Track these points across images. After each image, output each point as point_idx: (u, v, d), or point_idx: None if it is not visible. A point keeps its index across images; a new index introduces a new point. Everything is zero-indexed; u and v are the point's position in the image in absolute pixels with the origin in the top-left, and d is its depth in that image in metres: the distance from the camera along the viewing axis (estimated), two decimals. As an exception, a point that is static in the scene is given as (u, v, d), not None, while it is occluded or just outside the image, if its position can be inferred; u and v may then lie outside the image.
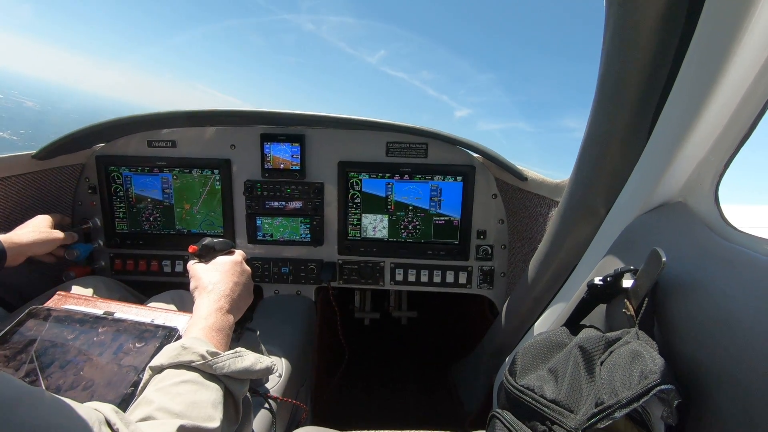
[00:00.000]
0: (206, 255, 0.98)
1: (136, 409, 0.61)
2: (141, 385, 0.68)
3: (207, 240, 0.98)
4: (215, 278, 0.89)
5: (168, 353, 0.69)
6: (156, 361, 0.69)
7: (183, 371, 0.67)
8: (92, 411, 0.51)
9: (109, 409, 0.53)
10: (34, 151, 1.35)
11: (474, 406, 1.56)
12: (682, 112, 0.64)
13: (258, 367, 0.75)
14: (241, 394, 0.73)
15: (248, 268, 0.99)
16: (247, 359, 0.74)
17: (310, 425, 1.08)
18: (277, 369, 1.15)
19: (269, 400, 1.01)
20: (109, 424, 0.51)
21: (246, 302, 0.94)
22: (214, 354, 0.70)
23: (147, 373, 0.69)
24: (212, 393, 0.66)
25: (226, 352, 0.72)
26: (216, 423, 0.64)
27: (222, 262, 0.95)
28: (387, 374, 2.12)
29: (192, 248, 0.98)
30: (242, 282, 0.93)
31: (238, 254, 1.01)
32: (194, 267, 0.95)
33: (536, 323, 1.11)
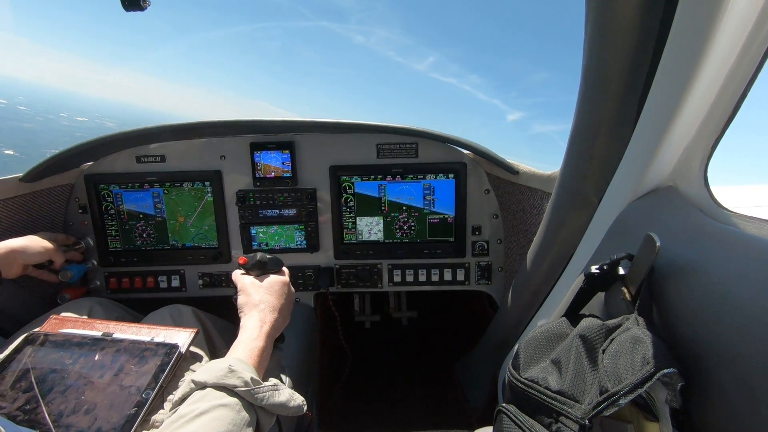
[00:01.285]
0: (255, 269, 0.97)
1: (167, 428, 0.62)
2: (181, 395, 0.69)
3: (260, 255, 0.97)
4: (266, 297, 0.90)
5: (214, 371, 0.69)
6: (200, 377, 0.69)
7: (224, 395, 0.67)
8: None
9: None
10: (21, 174, 1.33)
11: (480, 402, 1.56)
12: (666, 97, 0.64)
13: (292, 404, 0.75)
14: (266, 427, 0.73)
15: (293, 289, 1.01)
16: (283, 394, 0.75)
17: (317, 430, 1.07)
18: (282, 378, 1.15)
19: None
20: None
21: (286, 324, 0.94)
22: (256, 382, 0.71)
23: (189, 385, 0.69)
24: (246, 423, 0.67)
25: (267, 383, 0.73)
26: None
27: (274, 281, 0.95)
28: (391, 376, 2.12)
29: (242, 259, 0.97)
30: (288, 303, 0.95)
31: (287, 274, 1.02)
32: (244, 279, 0.95)
33: (536, 315, 1.12)
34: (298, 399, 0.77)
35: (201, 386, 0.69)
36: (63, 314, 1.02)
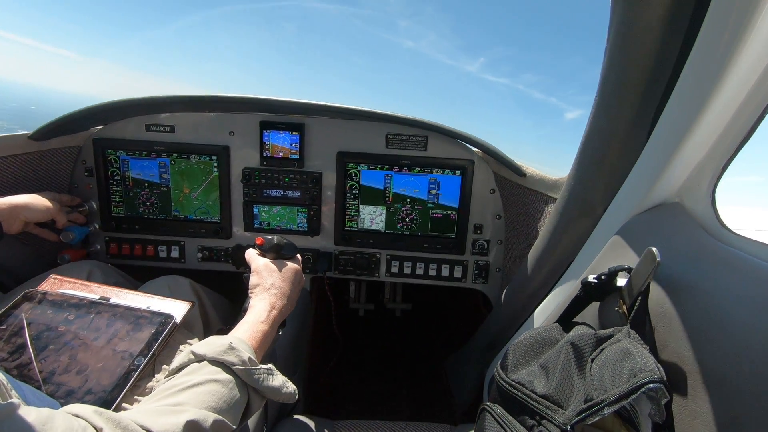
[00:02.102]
0: (270, 252, 0.98)
1: (159, 394, 0.63)
2: (178, 365, 0.70)
3: (277, 239, 0.98)
4: (278, 283, 0.91)
5: (214, 346, 0.70)
6: (200, 350, 0.70)
7: (220, 370, 0.68)
8: (73, 420, 0.50)
9: (90, 412, 0.53)
10: (30, 132, 1.33)
11: (465, 398, 1.58)
12: (682, 113, 0.64)
13: (284, 391, 0.76)
14: (256, 409, 0.74)
15: (303, 276, 1.02)
16: (277, 379, 0.75)
17: (302, 414, 1.09)
18: (271, 358, 1.16)
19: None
20: (95, 428, 0.51)
21: (291, 310, 0.95)
22: (253, 363, 0.71)
23: (187, 356, 0.70)
24: (238, 402, 0.68)
25: (262, 366, 0.73)
26: (235, 424, 0.66)
27: (289, 267, 0.96)
28: (380, 365, 2.14)
29: (259, 240, 0.98)
30: (297, 291, 0.96)
31: (299, 261, 1.03)
32: (258, 261, 0.95)
33: (529, 319, 1.12)
34: (291, 387, 0.78)
35: (199, 359, 0.69)
36: (62, 275, 1.03)
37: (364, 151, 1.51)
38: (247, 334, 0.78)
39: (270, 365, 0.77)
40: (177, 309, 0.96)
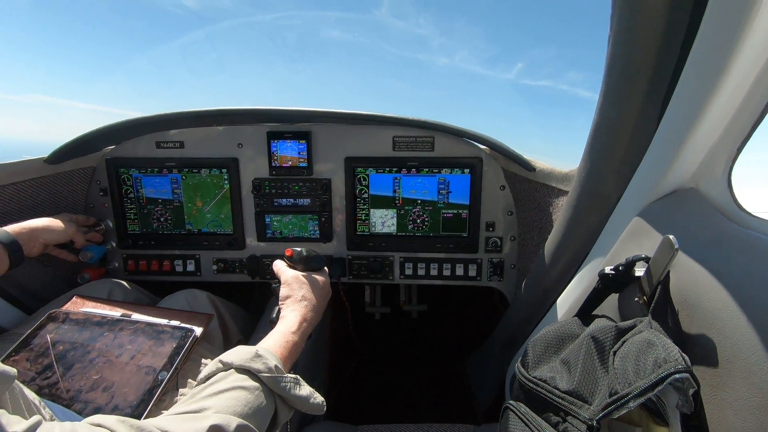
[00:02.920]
0: (299, 263, 1.00)
1: (185, 402, 0.64)
2: (206, 374, 0.70)
3: (306, 251, 1.00)
4: (309, 295, 0.93)
5: (241, 354, 0.71)
6: (227, 358, 0.70)
7: (246, 377, 0.68)
8: (96, 429, 0.51)
9: (113, 421, 0.54)
10: (45, 156, 1.37)
11: (486, 398, 1.57)
12: (692, 96, 0.63)
13: (312, 401, 0.76)
14: (283, 420, 0.74)
15: (330, 289, 1.04)
16: (304, 389, 0.75)
17: (324, 420, 1.09)
18: None
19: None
20: None
21: (319, 319, 0.97)
22: (279, 371, 0.72)
23: (215, 365, 0.71)
24: (264, 409, 0.68)
25: (289, 375, 0.74)
26: (263, 429, 0.66)
27: (318, 280, 0.99)
28: (399, 368, 2.13)
29: (289, 252, 1.00)
30: (325, 303, 0.99)
31: (326, 273, 1.05)
32: (288, 272, 0.97)
33: (547, 314, 1.11)
34: (319, 398, 0.78)
35: (227, 367, 0.70)
36: (84, 294, 1.05)
37: (372, 155, 1.52)
38: (276, 344, 0.79)
39: (296, 375, 0.77)
40: (196, 322, 0.97)
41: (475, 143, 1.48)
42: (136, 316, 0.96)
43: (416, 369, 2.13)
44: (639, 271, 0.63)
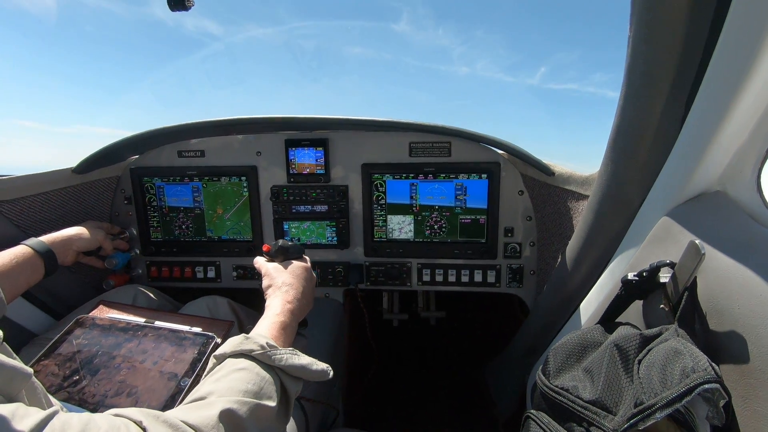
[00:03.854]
0: (278, 256, 1.01)
1: (190, 397, 0.64)
2: (206, 372, 0.71)
3: (281, 241, 1.01)
4: (289, 280, 0.93)
5: (231, 343, 0.72)
6: (220, 351, 0.72)
7: (242, 360, 0.70)
8: (114, 419, 0.52)
9: (134, 411, 0.55)
10: (73, 166, 1.42)
11: (507, 407, 1.54)
12: (717, 95, 0.61)
13: (314, 367, 0.76)
14: (294, 393, 0.74)
15: (314, 275, 1.03)
16: (303, 358, 0.76)
17: (343, 427, 1.09)
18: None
19: (301, 401, 1.03)
20: (136, 423, 0.53)
21: (309, 307, 0.97)
22: (273, 347, 0.72)
23: (211, 361, 0.72)
24: (267, 381, 0.68)
25: (285, 348, 0.75)
26: (273, 402, 0.66)
27: (296, 266, 0.99)
28: (417, 376, 2.12)
29: (266, 247, 1.01)
30: (310, 287, 0.98)
31: (308, 260, 1.05)
32: (267, 265, 0.99)
33: (569, 321, 1.08)
34: (321, 364, 0.77)
35: (221, 359, 0.71)
36: (110, 300, 1.08)
37: (388, 161, 1.52)
38: (265, 327, 0.80)
39: (294, 349, 0.77)
40: (217, 329, 0.98)
41: (493, 148, 1.47)
42: (159, 323, 0.98)
43: (435, 377, 2.11)
44: (664, 277, 0.61)
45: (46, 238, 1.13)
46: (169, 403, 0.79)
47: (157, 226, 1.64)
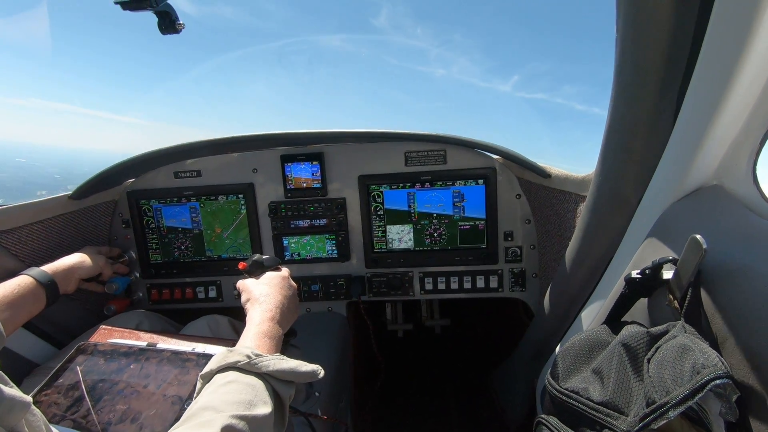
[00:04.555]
0: (255, 271, 1.01)
1: (183, 418, 0.63)
2: (195, 395, 0.70)
3: (256, 256, 1.02)
4: (265, 291, 0.93)
5: (215, 360, 0.72)
6: (206, 370, 0.71)
7: (229, 372, 0.69)
8: None
9: None
10: (70, 192, 1.42)
11: (517, 412, 1.52)
12: (708, 89, 0.61)
13: (303, 369, 0.75)
14: (287, 397, 0.73)
15: (294, 283, 1.03)
16: (291, 362, 0.75)
17: None
18: (315, 386, 1.15)
19: (309, 419, 1.02)
20: None
21: (293, 316, 0.96)
22: (257, 355, 0.72)
23: (199, 382, 0.71)
24: (259, 389, 0.68)
25: (270, 355, 0.74)
26: (268, 409, 0.65)
27: (271, 276, 0.99)
28: (425, 385, 2.09)
29: (242, 265, 1.01)
30: (290, 296, 0.97)
31: (285, 270, 1.05)
32: (244, 282, 0.99)
33: (574, 323, 1.08)
34: (310, 365, 0.77)
35: (208, 377, 0.70)
36: (111, 326, 1.07)
37: (385, 171, 1.53)
38: (249, 340, 0.79)
39: (280, 354, 0.77)
40: (220, 348, 0.97)
41: (488, 153, 1.47)
42: (162, 345, 0.97)
43: (443, 385, 2.08)
44: (667, 273, 0.61)
45: (48, 267, 1.12)
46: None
47: (156, 248, 1.63)
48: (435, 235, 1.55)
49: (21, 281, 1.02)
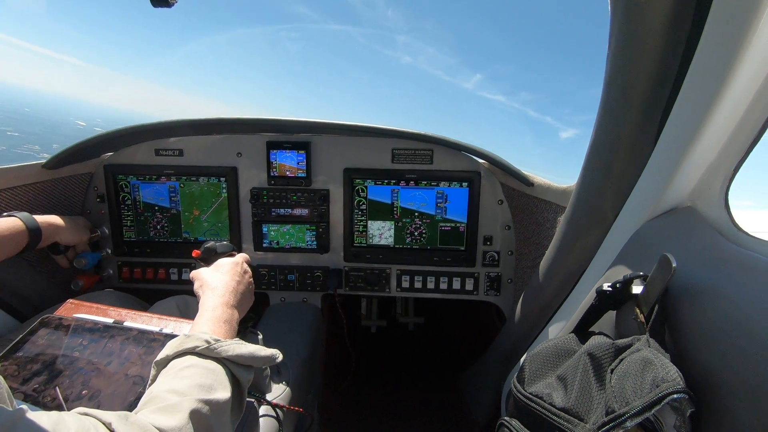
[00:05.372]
0: (209, 258, 1.00)
1: (143, 401, 0.62)
2: (149, 382, 0.69)
3: (210, 243, 1.00)
4: (217, 277, 0.91)
5: (172, 345, 0.70)
6: (161, 355, 0.69)
7: (187, 357, 0.68)
8: (83, 418, 0.51)
9: (103, 412, 0.53)
10: (43, 161, 1.37)
11: (482, 414, 1.54)
12: (690, 115, 0.63)
13: (261, 353, 0.75)
14: (246, 381, 0.73)
15: (249, 269, 1.01)
16: (250, 346, 0.75)
17: None
18: (283, 376, 1.15)
19: (276, 408, 1.01)
20: (105, 425, 0.51)
21: (248, 301, 0.95)
22: (216, 340, 0.71)
23: (153, 369, 0.69)
24: (219, 373, 0.67)
25: (229, 340, 0.73)
26: (227, 393, 0.65)
27: (223, 263, 0.97)
28: (394, 382, 2.11)
29: (195, 252, 0.99)
30: (244, 281, 0.95)
31: (239, 256, 1.03)
32: (197, 270, 0.97)
33: (544, 330, 1.10)
34: (268, 349, 0.77)
35: (164, 363, 0.69)
36: (79, 300, 1.04)
37: (371, 166, 1.52)
38: (204, 325, 0.78)
39: (239, 339, 0.76)
40: (188, 329, 0.95)
41: (474, 157, 1.49)
42: (129, 323, 0.94)
43: (412, 383, 2.10)
44: (636, 288, 0.63)
45: (39, 218, 1.13)
46: (133, 407, 0.77)
47: (130, 225, 1.59)
48: (416, 233, 1.56)
49: (9, 221, 1.03)
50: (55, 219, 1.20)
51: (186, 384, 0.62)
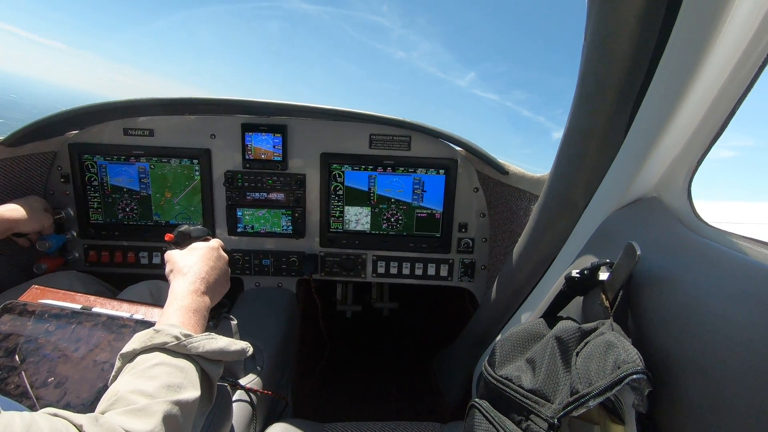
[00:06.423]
0: (182, 242, 0.97)
1: (107, 399, 0.60)
2: (113, 375, 0.66)
3: (183, 227, 0.97)
4: (190, 261, 0.88)
5: (140, 338, 0.67)
6: (128, 348, 0.67)
7: (156, 353, 0.66)
8: (54, 420, 0.49)
9: (74, 414, 0.52)
10: (2, 137, 1.29)
11: (454, 396, 1.59)
12: (658, 109, 0.66)
13: (233, 348, 0.74)
14: (216, 376, 0.73)
15: (225, 254, 0.98)
16: (221, 341, 0.73)
17: (291, 418, 1.08)
18: (257, 361, 1.14)
19: (249, 393, 1.01)
20: (76, 427, 0.50)
21: (223, 288, 0.92)
22: (187, 336, 0.69)
23: (118, 362, 0.67)
24: (188, 371, 0.66)
25: (200, 335, 0.71)
26: (197, 392, 0.64)
27: (197, 247, 0.94)
28: (368, 366, 2.14)
29: (168, 236, 0.96)
30: (218, 267, 0.92)
31: (215, 241, 1.00)
32: (170, 252, 0.93)
33: (515, 315, 1.13)
34: (240, 343, 0.76)
35: (130, 357, 0.66)
36: (44, 285, 1.00)
37: (348, 152, 1.51)
38: (173, 316, 0.75)
39: (210, 332, 0.75)
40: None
41: (452, 145, 1.50)
42: (98, 309, 0.92)
43: (385, 367, 2.14)
44: (603, 275, 0.65)
45: None
46: (101, 394, 0.75)
47: (97, 207, 1.53)
48: (392, 220, 1.56)
49: None
50: (10, 212, 1.12)
51: (155, 385, 0.60)
